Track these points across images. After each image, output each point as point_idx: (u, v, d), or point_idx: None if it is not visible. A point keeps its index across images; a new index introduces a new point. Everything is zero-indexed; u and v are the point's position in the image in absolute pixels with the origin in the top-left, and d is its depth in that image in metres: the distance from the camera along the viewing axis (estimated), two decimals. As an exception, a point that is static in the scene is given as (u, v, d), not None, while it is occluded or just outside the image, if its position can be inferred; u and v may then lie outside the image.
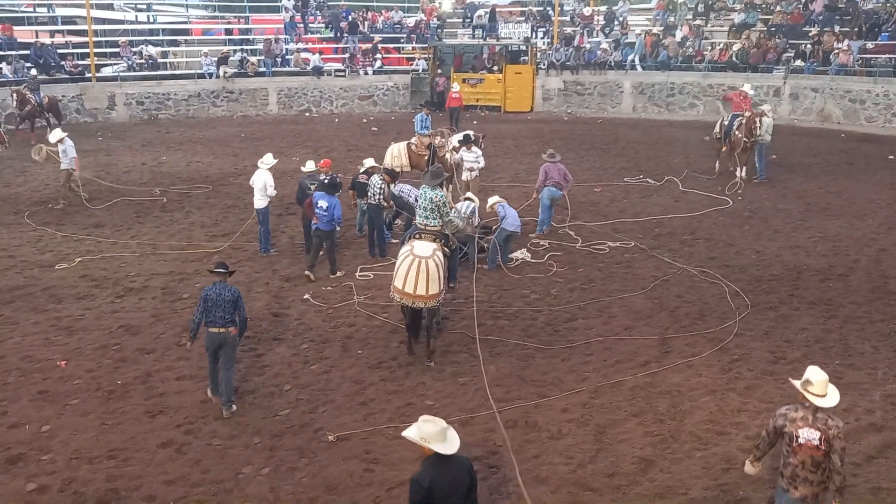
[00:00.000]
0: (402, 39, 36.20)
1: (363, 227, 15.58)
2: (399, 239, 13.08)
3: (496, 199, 14.46)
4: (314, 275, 13.54)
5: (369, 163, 15.59)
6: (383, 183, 14.53)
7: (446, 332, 11.45)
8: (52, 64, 29.61)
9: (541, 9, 37.37)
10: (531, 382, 10.04)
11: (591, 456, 8.43)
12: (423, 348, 10.68)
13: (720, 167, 20.98)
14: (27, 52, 29.42)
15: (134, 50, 31.74)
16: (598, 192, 19.32)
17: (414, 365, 10.48)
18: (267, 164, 14.66)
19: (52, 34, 33.00)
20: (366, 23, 36.13)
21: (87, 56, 30.67)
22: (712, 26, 35.23)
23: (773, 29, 32.84)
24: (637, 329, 11.61)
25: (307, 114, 32.24)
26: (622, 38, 34.21)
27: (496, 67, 33.55)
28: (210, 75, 31.52)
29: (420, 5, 38.99)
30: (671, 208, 17.93)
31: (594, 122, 30.32)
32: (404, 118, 29.82)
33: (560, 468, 8.22)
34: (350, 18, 35.25)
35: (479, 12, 36.56)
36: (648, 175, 21.00)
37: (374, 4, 38.87)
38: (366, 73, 33.51)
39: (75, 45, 32.03)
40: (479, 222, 14.38)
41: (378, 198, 14.42)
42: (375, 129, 28.48)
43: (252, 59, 32.55)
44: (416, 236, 10.54)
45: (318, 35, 36.21)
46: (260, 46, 33.66)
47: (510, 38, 35.56)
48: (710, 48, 33.01)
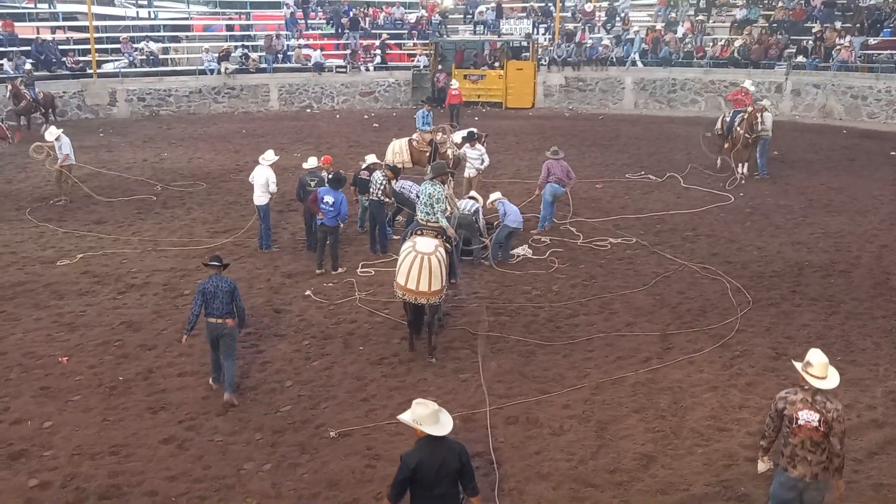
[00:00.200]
0: (403, 35, 36.14)
1: (364, 223, 15.58)
2: (400, 235, 13.07)
3: (497, 195, 14.46)
4: (324, 268, 13.67)
5: (371, 159, 15.59)
6: (385, 179, 14.53)
7: (448, 328, 11.46)
8: (54, 60, 29.59)
9: (542, 5, 37.31)
10: (532, 379, 10.05)
11: (593, 452, 8.44)
12: (425, 344, 10.68)
13: (721, 163, 20.96)
14: (28, 48, 29.40)
15: (135, 46, 31.68)
16: (600, 189, 19.30)
17: (415, 361, 10.49)
18: (268, 160, 14.65)
19: (53, 30, 32.96)
20: (367, 19, 36.07)
21: (88, 52, 30.63)
22: (714, 22, 35.18)
23: (775, 25, 32.78)
24: (638, 325, 11.61)
25: (308, 110, 32.21)
26: (624, 35, 34.16)
27: (497, 63, 33.50)
28: (211, 71, 31.48)
29: (420, 1, 38.92)
30: (673, 204, 17.92)
31: (595, 119, 30.28)
32: (405, 114, 29.80)
33: (561, 464, 8.22)
34: (351, 14, 35.20)
35: (481, 8, 36.51)
36: (650, 171, 20.98)
37: (376, 0, 38.81)
38: (367, 70, 33.47)
39: (76, 42, 31.99)
40: (483, 222, 14.37)
41: (379, 193, 14.41)
42: (377, 125, 28.45)
43: (253, 56, 32.52)
44: (418, 232, 10.55)
45: (320, 31, 36.15)
46: (261, 42, 33.62)
47: (511, 35, 35.50)
48: (711, 44, 32.95)
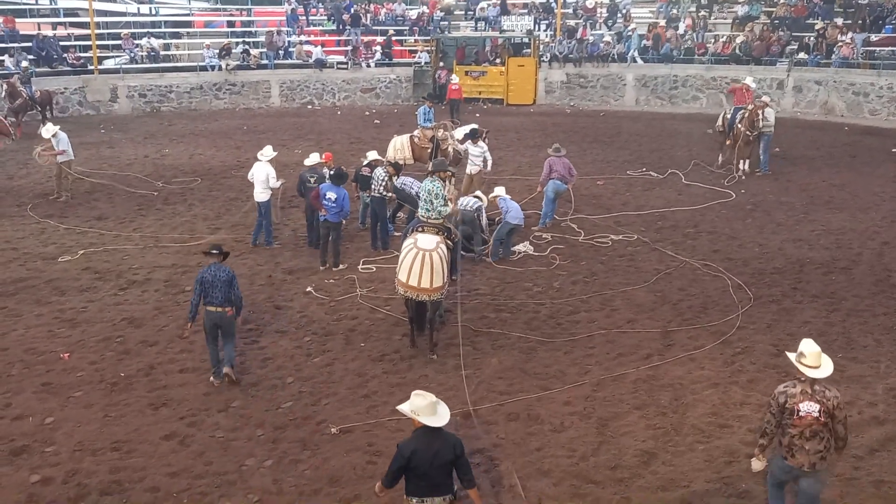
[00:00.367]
0: (404, 32, 36.10)
1: (366, 220, 15.59)
2: (401, 232, 13.08)
3: (500, 190, 14.42)
4: (327, 264, 13.71)
5: (372, 155, 15.59)
6: (387, 175, 14.53)
7: (449, 324, 11.46)
8: (55, 56, 29.58)
9: (544, 1, 37.24)
10: (534, 375, 10.05)
11: (594, 449, 8.45)
12: (426, 341, 10.69)
13: (723, 160, 20.95)
14: (29, 44, 29.38)
15: (136, 42, 31.68)
16: (601, 185, 19.29)
17: (416, 357, 10.50)
18: (267, 156, 14.62)
19: (54, 26, 32.97)
20: (368, 15, 36.03)
21: (89, 48, 30.63)
22: (715, 18, 35.12)
23: (777, 21, 32.72)
24: (640, 322, 11.61)
25: (309, 106, 32.20)
26: (625, 31, 34.11)
27: (499, 60, 33.46)
28: (212, 68, 31.46)
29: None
30: (674, 201, 17.91)
31: (597, 115, 30.25)
32: (407, 111, 29.78)
33: (562, 461, 8.24)
34: (352, 11, 35.16)
35: (482, 4, 36.45)
36: (651, 168, 20.96)
37: (377, -4, 38.78)
38: (368, 66, 33.45)
39: (77, 38, 31.99)
40: (485, 221, 14.37)
41: (381, 189, 14.41)
42: (378, 121, 28.44)
43: (254, 52, 32.50)
44: (419, 229, 10.54)
45: (321, 27, 36.13)
46: (262, 39, 33.61)
47: (513, 31, 35.46)
48: (713, 41, 32.90)
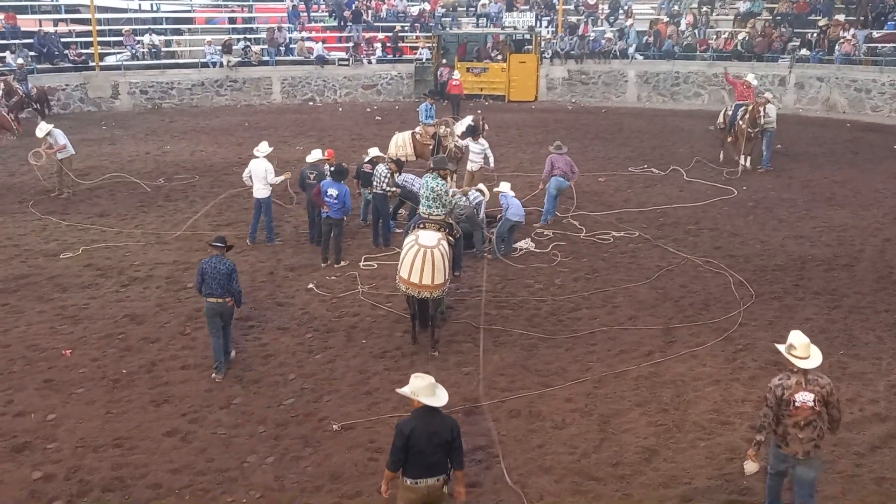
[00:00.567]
0: (406, 28, 36.06)
1: (367, 216, 15.59)
2: (403, 228, 13.07)
3: (505, 186, 14.35)
4: (329, 261, 13.73)
5: (374, 152, 15.57)
6: (389, 172, 14.52)
7: (450, 321, 11.46)
8: (56, 53, 29.57)
9: (546, -3, 37.24)
10: (535, 372, 10.06)
11: (595, 445, 8.45)
12: (428, 338, 10.69)
13: (724, 157, 20.94)
14: (30, 40, 29.38)
15: (137, 39, 31.66)
16: (603, 182, 19.28)
17: (418, 354, 10.50)
18: (263, 152, 14.57)
19: (55, 23, 32.90)
20: (369, 11, 36.00)
21: (90, 45, 30.62)
22: (717, 15, 35.06)
23: (779, 18, 32.68)
24: (641, 319, 11.61)
25: (311, 103, 32.18)
26: (627, 28, 34.07)
27: (500, 56, 33.44)
28: (214, 64, 31.44)
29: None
30: (676, 198, 17.89)
31: (598, 112, 30.23)
32: (408, 107, 29.76)
33: (564, 457, 8.24)
34: (353, 7, 35.12)
35: (484, 0, 36.39)
36: (653, 165, 20.94)
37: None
38: (369, 63, 33.42)
39: (79, 34, 31.93)
40: (483, 216, 14.35)
41: (384, 186, 14.40)
42: (379, 118, 28.43)
43: (255, 48, 32.47)
44: (421, 226, 10.54)
45: (322, 24, 36.10)
46: (263, 35, 33.58)
47: (514, 27, 35.42)
48: (715, 37, 32.85)
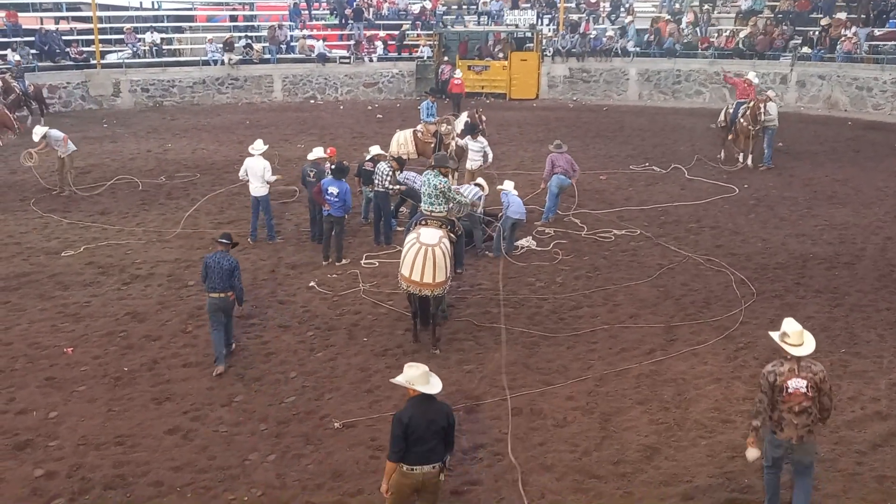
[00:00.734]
0: (402, 26, 36.01)
1: (368, 214, 15.59)
2: (404, 226, 13.07)
3: (509, 185, 14.31)
4: (330, 259, 13.74)
5: (375, 150, 15.57)
6: (391, 170, 14.53)
7: (452, 319, 11.46)
8: (57, 50, 29.57)
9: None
10: (536, 370, 10.06)
11: (597, 443, 8.46)
12: (429, 336, 10.70)
13: (725, 155, 20.93)
14: (32, 38, 29.39)
15: (139, 36, 31.67)
16: (604, 180, 19.27)
17: (419, 352, 10.48)
18: (259, 149, 14.56)
19: (56, 21, 32.92)
20: (371, 9, 35.98)
21: (91, 43, 30.61)
22: (719, 13, 35.03)
23: (780, 16, 32.65)
24: (642, 317, 11.61)
25: (312, 101, 32.17)
26: (626, 25, 34.04)
27: (501, 54, 33.41)
28: (215, 62, 31.44)
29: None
30: (677, 196, 17.89)
31: (600, 110, 30.21)
32: (409, 105, 29.76)
33: (565, 455, 8.24)
34: (355, 5, 35.10)
35: (486, -1, 36.45)
36: (654, 163, 20.93)
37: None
38: (371, 61, 33.41)
39: (80, 32, 31.96)
40: (481, 211, 14.33)
41: (386, 184, 14.40)
42: (380, 116, 28.43)
43: (256, 46, 32.46)
44: (422, 223, 10.54)
45: (323, 22, 36.10)
46: (265, 33, 33.57)
47: (516, 25, 35.40)
48: (716, 35, 32.83)
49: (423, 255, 10.08)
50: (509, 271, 13.40)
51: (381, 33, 34.62)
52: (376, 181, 14.55)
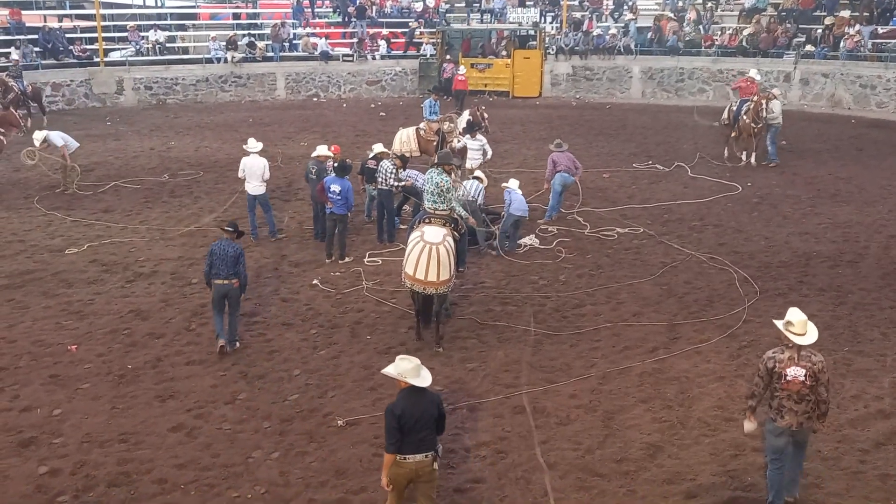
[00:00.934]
0: (409, 24, 36.02)
1: (371, 212, 15.60)
2: (407, 224, 13.08)
3: (514, 183, 14.29)
4: (333, 257, 13.74)
5: (378, 148, 15.57)
6: (394, 167, 14.53)
7: (455, 317, 11.47)
8: (61, 48, 29.60)
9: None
10: (539, 368, 10.06)
11: (600, 441, 8.46)
12: (432, 334, 10.71)
13: (728, 153, 20.91)
14: (35, 36, 29.42)
15: (142, 34, 31.70)
16: (607, 178, 19.26)
17: (423, 350, 10.48)
18: (256, 148, 14.57)
19: (60, 18, 32.94)
20: (374, 7, 35.96)
21: (95, 40, 30.65)
22: (722, 11, 34.98)
23: (784, 13, 32.59)
24: (645, 315, 11.61)
25: (315, 99, 32.18)
26: (632, 23, 34.01)
27: (505, 52, 33.40)
28: (218, 60, 31.46)
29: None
30: (680, 194, 17.87)
31: (603, 108, 30.19)
32: (412, 103, 29.76)
33: (568, 454, 8.25)
34: (358, 3, 35.08)
35: (488, -4, 36.44)
36: (657, 161, 20.92)
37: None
38: (373, 59, 33.41)
39: (83, 30, 32.00)
40: (482, 201, 14.29)
41: (390, 181, 14.41)
42: (383, 114, 28.44)
43: (259, 44, 32.48)
44: (426, 221, 10.54)
45: (326, 20, 36.11)
46: (268, 31, 33.58)
47: (519, 23, 35.36)
48: (719, 33, 32.78)
49: (428, 253, 10.08)
50: (512, 269, 13.41)
51: (384, 31, 34.60)
52: (380, 179, 14.56)
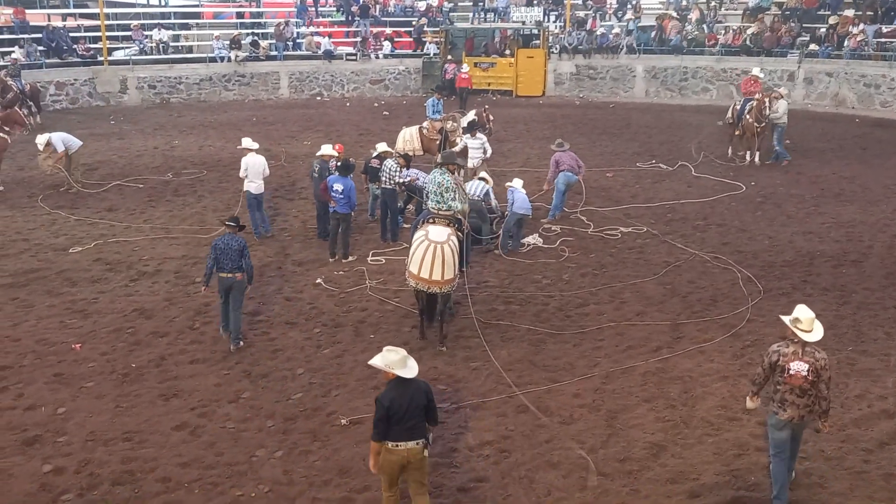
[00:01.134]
0: (413, 23, 36.02)
1: (375, 211, 15.61)
2: (411, 224, 13.08)
3: (518, 183, 14.29)
4: (336, 256, 13.74)
5: (382, 147, 15.59)
6: (398, 166, 14.54)
7: (458, 317, 11.47)
8: (64, 47, 29.64)
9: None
10: (543, 367, 10.07)
11: (603, 441, 8.46)
12: (436, 333, 10.72)
13: (732, 152, 20.89)
14: (39, 35, 29.46)
15: (146, 33, 31.74)
16: (611, 177, 19.25)
17: (426, 349, 10.51)
18: (254, 146, 14.62)
19: (64, 17, 33.01)
20: (377, 6, 35.97)
21: (99, 40, 30.69)
22: (726, 10, 34.92)
23: (788, 12, 32.53)
24: (649, 315, 11.60)
25: (318, 98, 32.20)
26: (635, 22, 33.98)
27: (508, 51, 33.38)
28: (221, 59, 31.49)
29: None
30: (683, 193, 17.86)
31: (606, 107, 30.16)
32: (416, 102, 29.76)
33: (571, 453, 8.25)
34: (361, 2, 35.09)
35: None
36: (661, 160, 20.90)
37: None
38: (377, 58, 33.42)
39: (87, 29, 32.04)
40: (495, 203, 14.34)
41: (396, 178, 14.41)
42: (387, 113, 28.44)
43: (263, 43, 32.50)
44: (430, 221, 10.54)
45: (330, 18, 36.12)
46: (271, 30, 33.61)
47: (522, 22, 35.34)
48: (723, 32, 32.73)
49: (432, 252, 10.09)
50: (515, 268, 13.41)
51: (388, 30, 34.60)
52: (383, 178, 14.57)
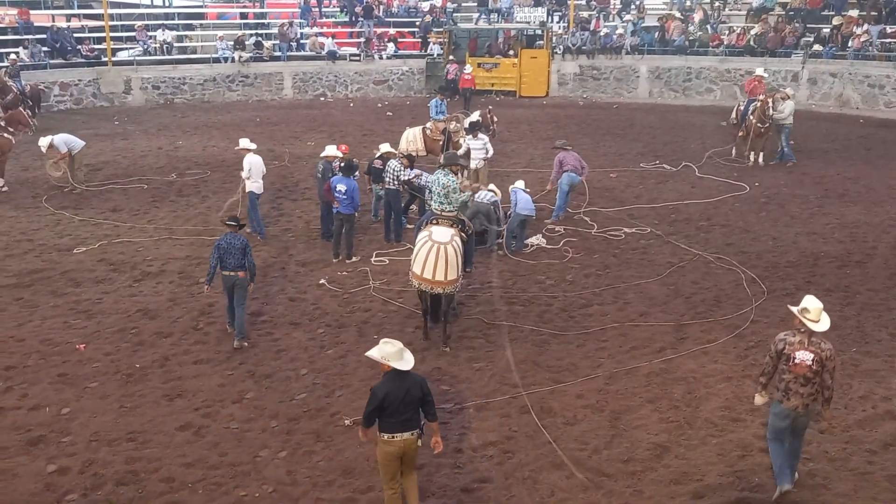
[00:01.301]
0: (417, 24, 36.03)
1: (378, 212, 15.61)
2: (414, 224, 13.09)
3: (520, 184, 14.31)
4: (340, 256, 13.76)
5: (385, 148, 15.60)
6: (401, 167, 14.55)
7: (462, 317, 11.48)
8: (69, 48, 29.69)
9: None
10: (546, 368, 10.07)
11: (607, 442, 8.46)
12: (439, 333, 10.72)
13: (736, 152, 20.87)
14: (43, 35, 29.52)
15: (150, 34, 31.78)
16: (614, 178, 19.24)
17: (430, 350, 10.52)
18: (252, 146, 14.65)
19: (68, 18, 33.05)
20: (381, 6, 35.98)
21: (103, 40, 30.73)
22: (730, 10, 34.88)
23: (792, 13, 32.49)
24: (652, 315, 11.59)
25: (322, 98, 32.21)
26: (639, 22, 33.95)
27: (511, 52, 33.38)
28: (225, 59, 31.51)
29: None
30: (687, 194, 17.84)
31: (610, 107, 30.14)
32: (419, 103, 29.78)
33: (575, 454, 8.25)
34: (365, 2, 35.10)
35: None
36: (664, 161, 20.88)
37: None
38: (380, 58, 33.43)
39: (91, 30, 32.08)
40: (502, 215, 14.33)
41: (402, 177, 14.43)
42: (390, 113, 28.45)
43: (267, 44, 32.53)
44: (434, 221, 10.55)
45: (333, 19, 36.14)
46: (275, 31, 33.64)
47: (526, 23, 35.34)
48: (727, 32, 32.70)
49: (436, 253, 10.09)
50: (519, 269, 13.41)
51: (392, 31, 34.61)
52: (387, 179, 14.58)
